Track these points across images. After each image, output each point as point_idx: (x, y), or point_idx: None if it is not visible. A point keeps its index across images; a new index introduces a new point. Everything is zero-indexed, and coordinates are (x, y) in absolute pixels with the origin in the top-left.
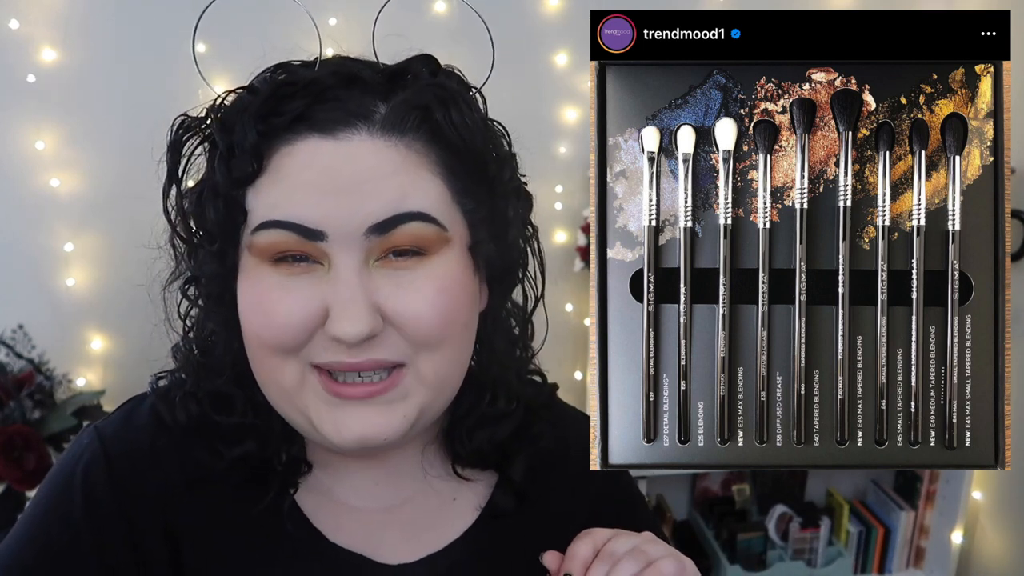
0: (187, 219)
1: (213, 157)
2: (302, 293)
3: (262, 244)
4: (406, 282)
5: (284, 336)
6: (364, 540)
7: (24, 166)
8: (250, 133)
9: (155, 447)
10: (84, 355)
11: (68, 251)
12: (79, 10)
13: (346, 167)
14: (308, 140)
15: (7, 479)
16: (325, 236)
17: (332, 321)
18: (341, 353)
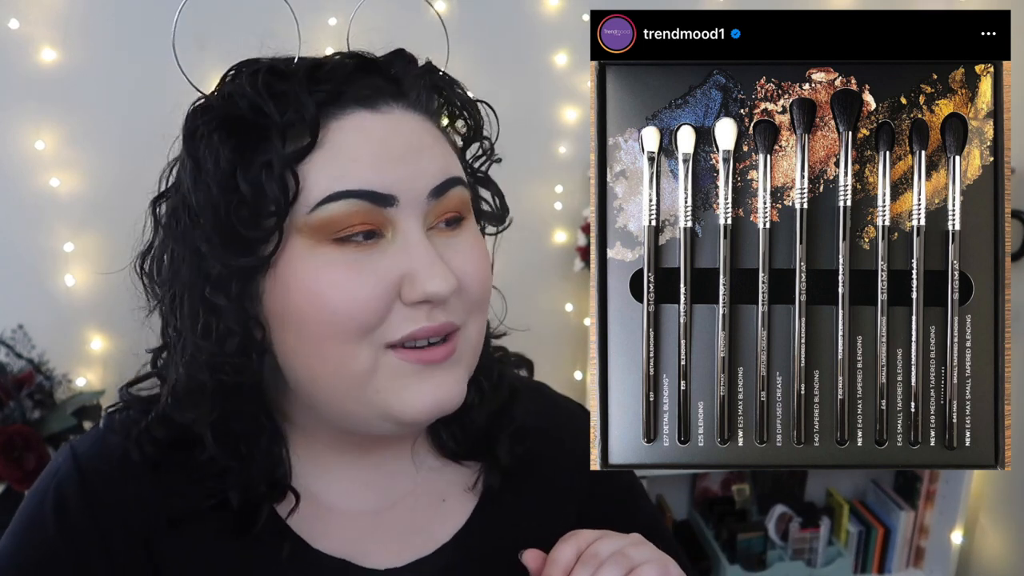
0: (215, 209)
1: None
2: (373, 265)
3: (327, 218)
4: (456, 246)
5: (364, 315)
6: (350, 545)
7: (24, 166)
8: (309, 105)
9: (129, 464)
10: (84, 355)
11: (68, 251)
12: (79, 10)
13: (399, 136)
14: (355, 113)
15: (7, 479)
16: (396, 201)
17: (420, 282)
18: (420, 320)
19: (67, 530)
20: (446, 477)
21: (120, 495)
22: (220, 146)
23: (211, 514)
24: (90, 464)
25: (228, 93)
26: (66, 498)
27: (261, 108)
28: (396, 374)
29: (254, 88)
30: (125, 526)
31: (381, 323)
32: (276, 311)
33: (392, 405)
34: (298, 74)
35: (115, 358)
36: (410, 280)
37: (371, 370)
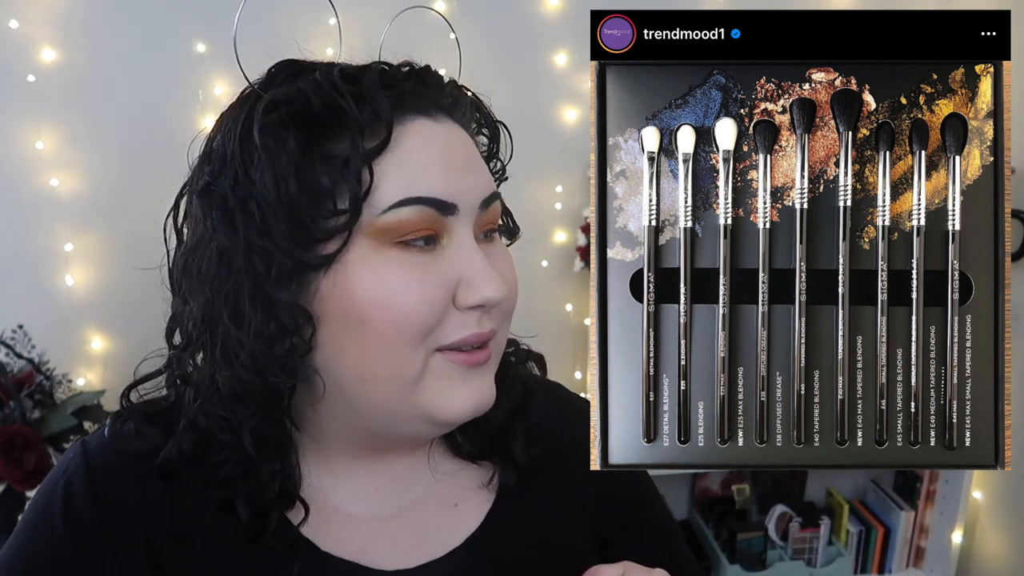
0: (291, 204)
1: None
2: (432, 269)
3: (395, 222)
4: (497, 256)
5: (425, 317)
6: (360, 548)
7: (24, 166)
8: (384, 105)
9: (139, 462)
10: (84, 355)
11: (68, 251)
12: (79, 10)
13: (457, 145)
14: (416, 120)
15: (7, 479)
16: (456, 209)
17: (476, 288)
18: (472, 325)
19: (74, 526)
20: (459, 481)
21: (130, 494)
22: (291, 140)
23: (221, 519)
24: (100, 461)
25: (302, 89)
26: (75, 495)
27: (339, 105)
28: (442, 375)
29: (331, 86)
30: (133, 525)
31: (436, 326)
32: (332, 311)
33: (434, 406)
34: (369, 76)
35: (115, 358)
36: (467, 285)
37: (421, 372)
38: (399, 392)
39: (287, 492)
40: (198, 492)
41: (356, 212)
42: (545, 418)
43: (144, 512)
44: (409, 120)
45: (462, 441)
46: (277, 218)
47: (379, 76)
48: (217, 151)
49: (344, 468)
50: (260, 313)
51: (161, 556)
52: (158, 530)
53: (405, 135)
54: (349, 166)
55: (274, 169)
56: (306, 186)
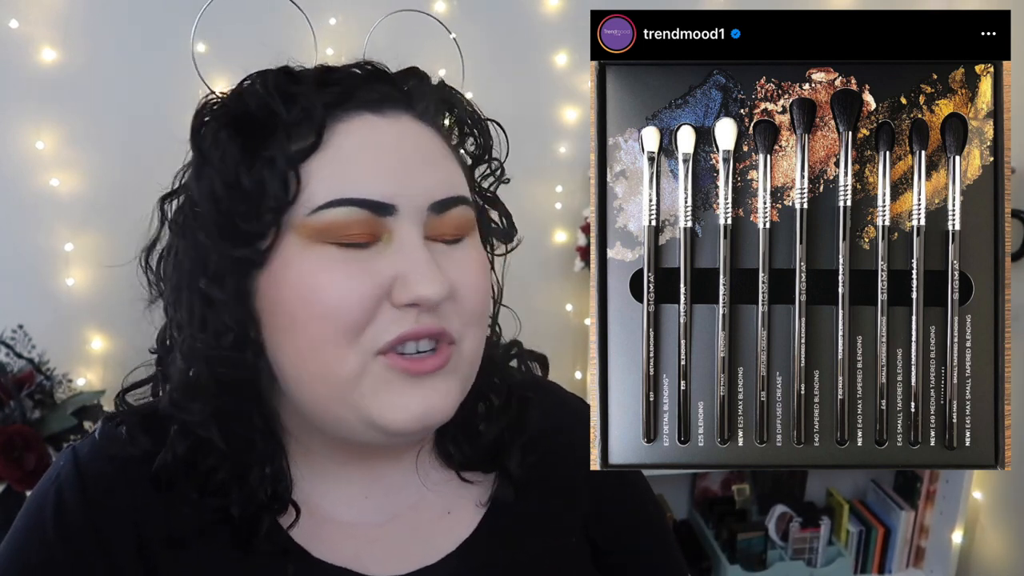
0: (215, 201)
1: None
2: (365, 265)
3: (326, 223)
4: (457, 256)
5: (352, 312)
6: (352, 554)
7: (24, 166)
8: (316, 105)
9: (129, 467)
10: (84, 355)
11: (68, 251)
12: (79, 10)
13: (404, 143)
14: (360, 116)
15: (7, 479)
16: (395, 210)
17: (410, 284)
18: (409, 323)
19: (66, 533)
20: (453, 490)
21: (121, 500)
22: (227, 141)
23: (214, 526)
24: (91, 468)
25: (238, 92)
26: (66, 501)
27: (269, 106)
28: (383, 381)
29: (264, 87)
30: (125, 530)
31: (369, 324)
32: (267, 308)
33: (376, 413)
34: (309, 76)
35: (115, 358)
36: (402, 282)
37: (358, 375)
38: (337, 394)
39: (278, 496)
40: (190, 497)
41: (280, 211)
42: (540, 420)
43: (136, 517)
44: (353, 117)
45: (454, 452)
46: (210, 217)
47: (320, 75)
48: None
49: (333, 475)
50: (206, 309)
51: (154, 561)
52: (150, 535)
53: (345, 132)
54: (275, 166)
55: (207, 170)
56: (234, 186)
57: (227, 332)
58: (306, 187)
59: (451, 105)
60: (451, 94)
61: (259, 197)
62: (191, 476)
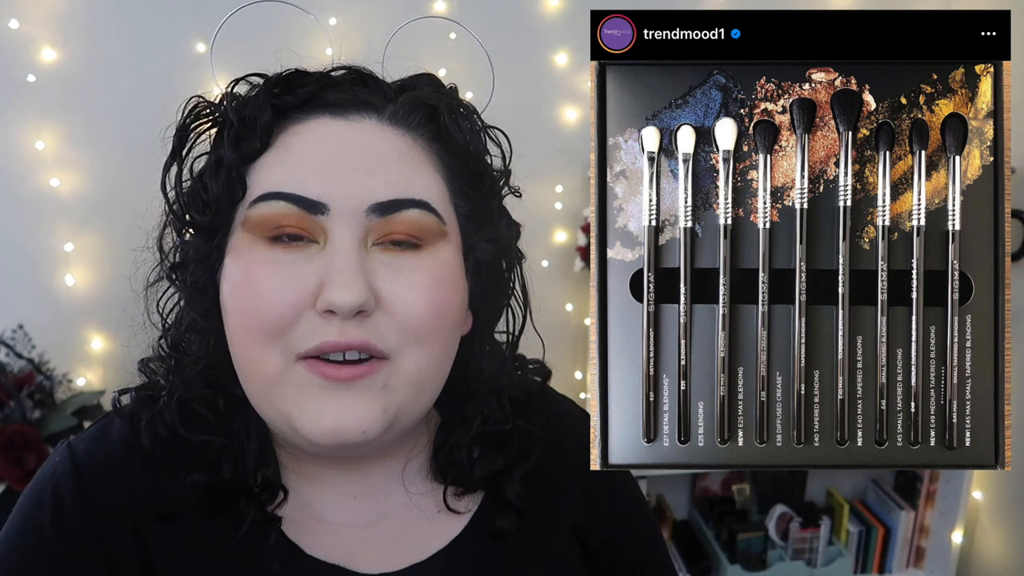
0: (183, 198)
1: (219, 140)
2: (294, 268)
3: (260, 216)
4: (404, 268)
5: (272, 315)
6: (344, 552)
7: (24, 166)
8: (264, 109)
9: (127, 463)
10: (84, 355)
11: (68, 251)
12: (79, 10)
13: (353, 147)
14: (318, 120)
15: (7, 479)
16: (327, 209)
17: (326, 291)
18: (331, 333)
19: (64, 530)
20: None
21: (118, 496)
22: (194, 141)
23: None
24: (88, 464)
25: (220, 96)
26: (63, 498)
27: (226, 111)
28: (301, 386)
29: (228, 92)
30: (122, 527)
31: (290, 328)
32: (222, 305)
33: (295, 419)
34: (274, 79)
35: (115, 358)
36: (321, 287)
37: (280, 377)
38: (264, 394)
39: (268, 481)
40: (183, 476)
41: (221, 209)
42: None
43: (133, 510)
44: (310, 119)
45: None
46: (176, 212)
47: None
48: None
49: (322, 476)
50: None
51: (151, 553)
52: (147, 529)
53: (298, 133)
54: (220, 167)
55: (172, 167)
56: (196, 182)
57: (186, 318)
58: (251, 185)
59: (432, 108)
60: (440, 98)
61: (207, 195)
62: (184, 452)
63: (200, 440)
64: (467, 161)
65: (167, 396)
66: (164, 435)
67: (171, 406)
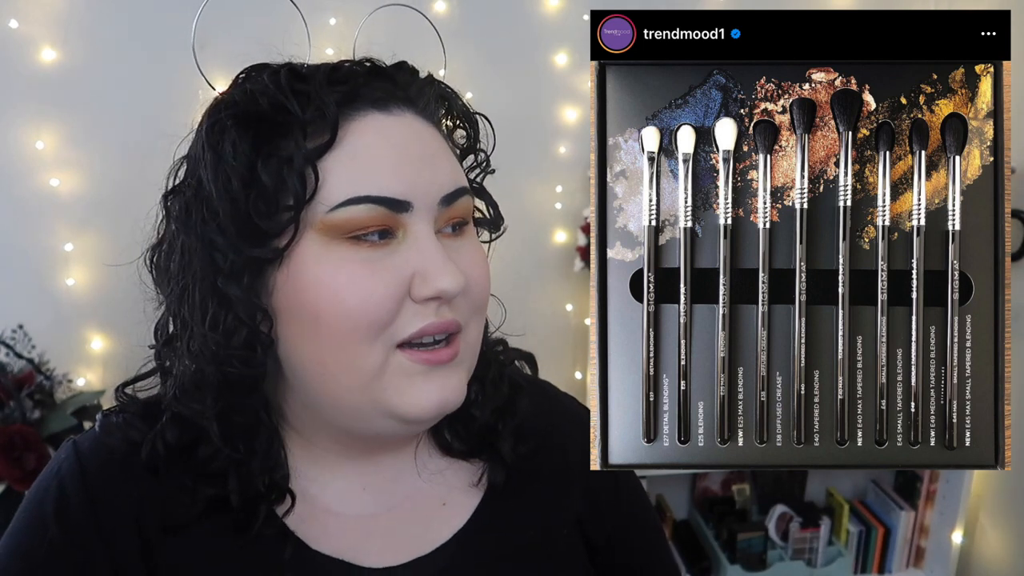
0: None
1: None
2: (387, 262)
3: (346, 220)
4: (463, 249)
5: (378, 311)
6: (348, 546)
7: (24, 166)
8: (330, 104)
9: (131, 461)
10: (84, 355)
11: (68, 251)
12: (79, 10)
13: (415, 141)
14: (369, 114)
15: (7, 479)
16: (411, 207)
17: (431, 279)
18: (429, 316)
19: (69, 528)
20: (448, 480)
21: (123, 493)
22: (240, 140)
23: (211, 514)
24: (93, 462)
25: (249, 90)
26: (68, 496)
27: (283, 105)
28: (404, 373)
29: (276, 86)
30: (127, 524)
31: (393, 320)
32: (287, 306)
33: (397, 403)
34: (318, 75)
35: (115, 358)
36: (422, 277)
37: (381, 368)
38: (359, 388)
39: (276, 484)
40: (189, 487)
41: (299, 209)
42: (533, 417)
43: (138, 510)
44: (362, 115)
45: (451, 439)
46: (225, 215)
47: (328, 73)
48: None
49: (332, 468)
50: (217, 307)
51: (154, 551)
52: (150, 525)
53: (356, 131)
54: (293, 164)
55: (220, 168)
56: (251, 184)
57: (240, 329)
58: (323, 185)
59: (444, 98)
60: (443, 88)
61: (277, 195)
62: (189, 463)
63: (205, 454)
64: (470, 148)
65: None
66: (163, 452)
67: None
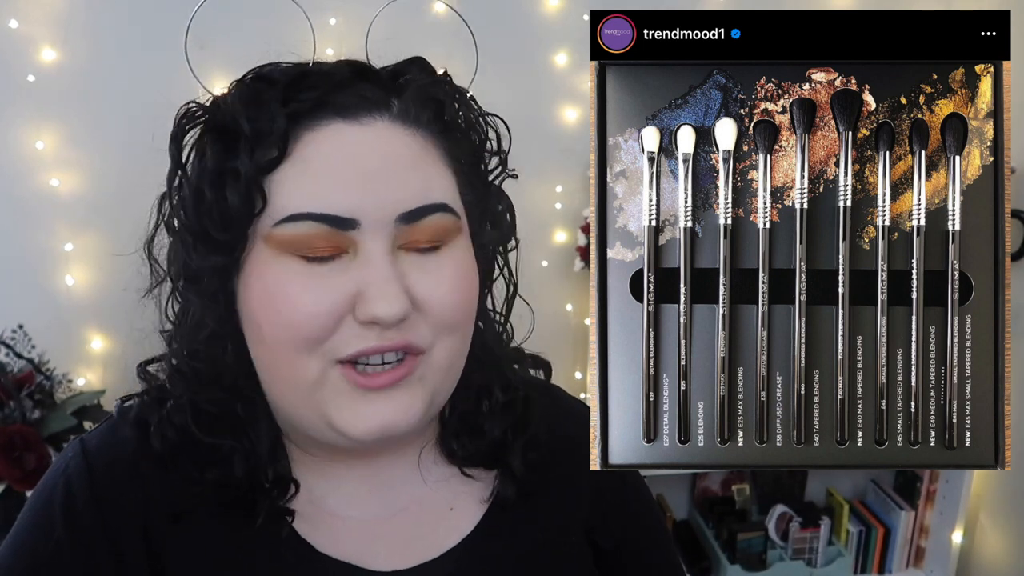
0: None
1: (215, 146)
2: (330, 280)
3: (287, 237)
4: (431, 267)
5: (312, 327)
6: (356, 549)
7: (24, 166)
8: (278, 117)
9: (139, 460)
10: (84, 355)
11: (68, 251)
12: (79, 10)
13: (373, 153)
14: (332, 125)
15: (7, 479)
16: (358, 224)
17: (368, 303)
18: (371, 339)
19: (75, 527)
20: (455, 486)
21: (130, 492)
22: (200, 150)
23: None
24: (101, 461)
25: (216, 100)
26: (75, 496)
27: (236, 117)
28: (340, 391)
29: (234, 97)
30: (133, 525)
31: (331, 336)
32: (243, 312)
33: (337, 419)
34: (279, 84)
35: (115, 358)
36: (361, 299)
37: (319, 382)
38: (301, 399)
39: (280, 477)
40: (196, 476)
41: (243, 224)
42: (542, 420)
43: (144, 510)
44: (324, 125)
45: (456, 448)
46: (187, 224)
47: (292, 81)
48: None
49: (335, 472)
50: (186, 305)
51: (161, 552)
52: (158, 527)
53: (314, 142)
54: (239, 179)
55: (181, 176)
56: (203, 195)
57: (203, 328)
58: (272, 199)
59: (439, 103)
60: (442, 90)
61: (226, 207)
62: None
63: (211, 441)
64: (472, 151)
65: (175, 399)
66: (174, 438)
67: (181, 407)
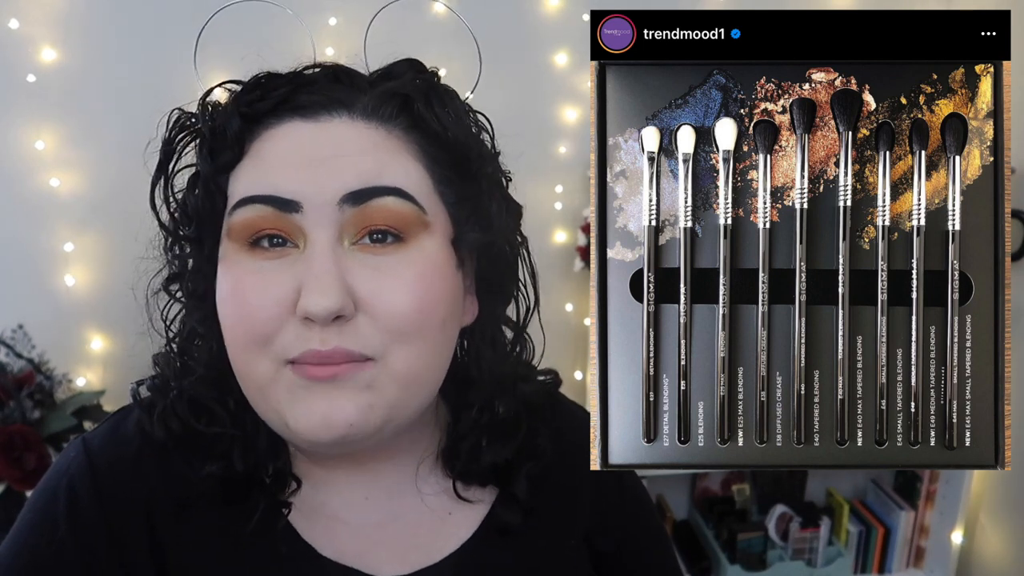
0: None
1: (202, 149)
2: (274, 276)
3: (239, 223)
4: (384, 267)
5: (256, 323)
6: (356, 554)
7: (24, 166)
8: (233, 119)
9: (142, 458)
10: (84, 355)
11: (68, 251)
12: (79, 10)
13: (325, 143)
14: (290, 123)
15: (7, 479)
16: (300, 207)
17: (303, 297)
18: (313, 341)
19: (78, 526)
20: (452, 497)
21: (132, 492)
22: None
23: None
24: (103, 460)
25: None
26: (78, 494)
27: (199, 121)
28: (287, 388)
29: (200, 102)
30: (137, 524)
31: (275, 336)
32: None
33: (289, 418)
34: (243, 87)
35: (115, 358)
36: (300, 293)
37: (271, 380)
38: (263, 398)
39: (279, 471)
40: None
41: (203, 222)
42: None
43: (148, 508)
44: (284, 124)
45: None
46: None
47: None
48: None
49: (333, 477)
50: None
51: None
52: (161, 524)
53: (270, 139)
54: (200, 178)
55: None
56: (175, 195)
57: (186, 326)
58: (230, 195)
59: (404, 97)
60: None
61: (194, 208)
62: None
63: (212, 432)
64: (447, 147)
65: (177, 392)
66: (176, 428)
67: (182, 399)
